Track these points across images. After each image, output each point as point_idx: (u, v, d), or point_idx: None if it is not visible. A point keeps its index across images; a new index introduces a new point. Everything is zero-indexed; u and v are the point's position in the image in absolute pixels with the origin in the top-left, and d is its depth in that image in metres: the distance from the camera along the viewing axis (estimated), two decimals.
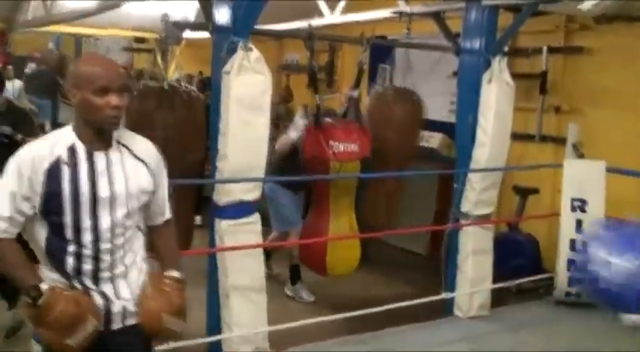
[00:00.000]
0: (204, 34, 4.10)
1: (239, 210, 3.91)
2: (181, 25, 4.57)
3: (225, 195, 3.87)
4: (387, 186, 5.32)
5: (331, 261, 4.79)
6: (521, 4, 4.90)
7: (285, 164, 5.10)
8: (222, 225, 3.89)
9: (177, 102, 4.03)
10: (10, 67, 8.90)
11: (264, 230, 4.08)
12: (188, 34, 7.02)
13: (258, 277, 4.03)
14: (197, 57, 8.02)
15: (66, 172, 2.11)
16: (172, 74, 5.06)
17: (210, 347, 4.03)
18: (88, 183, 2.12)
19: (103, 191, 2.14)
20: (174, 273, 2.34)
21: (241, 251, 3.92)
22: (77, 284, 2.16)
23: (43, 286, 2.08)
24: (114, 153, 2.20)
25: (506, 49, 5.39)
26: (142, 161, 2.26)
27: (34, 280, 2.10)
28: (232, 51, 3.73)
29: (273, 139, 4.53)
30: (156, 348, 2.57)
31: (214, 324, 4.02)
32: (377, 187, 5.26)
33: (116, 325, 2.23)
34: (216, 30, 3.92)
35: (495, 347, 4.45)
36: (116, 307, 2.21)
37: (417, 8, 5.43)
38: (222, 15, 3.88)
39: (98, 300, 2.18)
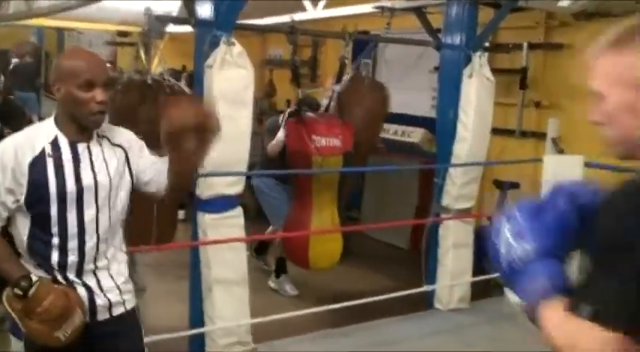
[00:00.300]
0: (188, 29, 4.11)
1: (221, 203, 3.92)
2: (164, 19, 4.57)
3: (208, 188, 3.88)
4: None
5: (314, 254, 4.81)
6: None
7: (278, 162, 5.05)
8: (205, 219, 3.91)
9: (160, 97, 4.02)
10: None
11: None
12: (171, 28, 7.02)
13: (240, 270, 4.05)
14: (180, 51, 7.98)
15: (50, 164, 2.11)
16: (156, 68, 5.04)
17: (193, 340, 4.05)
18: (73, 175, 2.13)
19: (88, 182, 2.15)
20: None
21: (224, 244, 3.94)
22: (60, 278, 2.16)
23: (34, 277, 2.07)
24: (95, 145, 2.21)
25: (486, 44, 5.44)
26: (121, 147, 2.27)
27: (24, 271, 2.10)
28: (215, 45, 3.74)
29: (256, 134, 4.54)
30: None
31: (197, 317, 4.03)
32: None
33: (102, 316, 2.24)
34: (199, 24, 3.93)
35: (475, 338, 4.51)
36: (100, 299, 2.23)
37: (399, 3, 5.46)
38: (205, 9, 3.89)
39: (82, 293, 2.19)
